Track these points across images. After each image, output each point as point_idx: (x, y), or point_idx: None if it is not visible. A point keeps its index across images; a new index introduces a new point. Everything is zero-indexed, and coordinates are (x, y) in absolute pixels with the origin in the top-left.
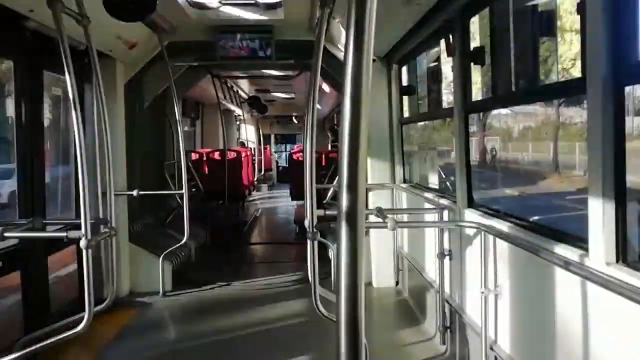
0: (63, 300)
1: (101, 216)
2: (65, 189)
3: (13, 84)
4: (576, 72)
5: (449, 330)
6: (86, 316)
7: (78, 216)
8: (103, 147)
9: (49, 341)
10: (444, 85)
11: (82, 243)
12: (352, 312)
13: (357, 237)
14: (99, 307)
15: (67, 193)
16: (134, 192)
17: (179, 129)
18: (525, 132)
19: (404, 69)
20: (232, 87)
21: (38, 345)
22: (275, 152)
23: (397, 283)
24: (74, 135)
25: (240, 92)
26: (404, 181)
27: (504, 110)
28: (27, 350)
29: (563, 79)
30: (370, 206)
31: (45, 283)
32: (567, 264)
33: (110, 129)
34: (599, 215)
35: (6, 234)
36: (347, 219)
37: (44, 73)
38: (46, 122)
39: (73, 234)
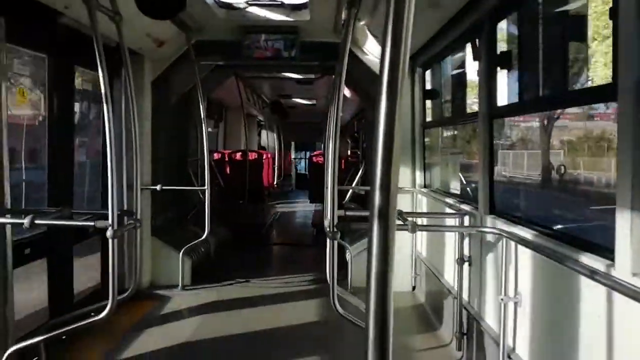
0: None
1: (126, 209)
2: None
3: (46, 78)
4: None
5: (465, 337)
6: (109, 304)
7: (104, 208)
8: (130, 142)
9: (72, 326)
10: (468, 89)
11: (109, 233)
12: (381, 317)
13: (388, 239)
14: (121, 296)
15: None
16: (158, 187)
17: (203, 127)
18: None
19: (428, 73)
20: (255, 90)
21: (62, 330)
22: (295, 158)
23: (414, 288)
24: (104, 130)
25: (263, 97)
26: (425, 186)
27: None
28: (52, 334)
29: (592, 85)
30: None
31: (70, 271)
32: (592, 273)
33: (138, 125)
34: (627, 224)
35: (36, 221)
36: (379, 221)
37: (76, 68)
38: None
39: (100, 223)
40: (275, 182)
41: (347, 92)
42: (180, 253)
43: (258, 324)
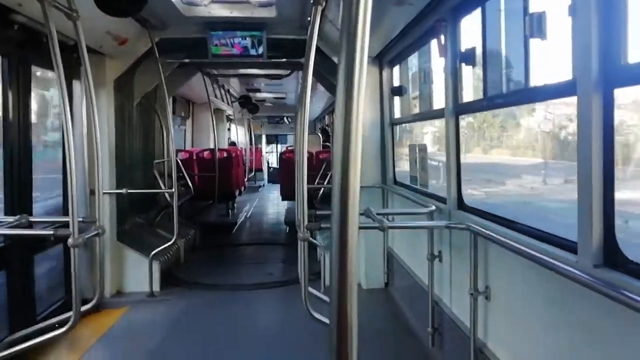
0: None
1: (89, 215)
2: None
3: (0, 79)
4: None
5: (438, 332)
6: (73, 316)
7: (65, 215)
8: (92, 145)
9: (34, 341)
10: (434, 86)
11: (70, 241)
12: (344, 315)
13: (349, 239)
14: (85, 307)
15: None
16: (123, 190)
17: (169, 126)
18: None
19: (396, 69)
20: (223, 85)
21: (23, 345)
22: (266, 152)
23: (386, 284)
24: (63, 133)
25: (232, 91)
26: (395, 182)
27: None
28: (12, 350)
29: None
30: (361, 206)
31: (31, 282)
32: (556, 267)
33: (100, 126)
34: (588, 217)
35: None
36: (340, 220)
37: (33, 68)
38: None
39: (61, 232)
40: (246, 178)
41: (317, 86)
42: (149, 258)
43: (230, 330)
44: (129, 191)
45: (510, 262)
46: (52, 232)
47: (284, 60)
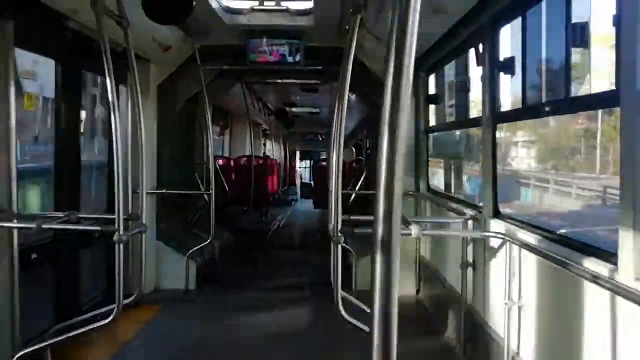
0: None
1: (132, 213)
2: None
3: (54, 83)
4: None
5: (470, 342)
6: (115, 309)
7: (110, 212)
8: (136, 146)
9: (78, 331)
10: (471, 94)
11: (116, 237)
12: (386, 322)
13: (392, 244)
14: (127, 301)
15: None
16: (164, 191)
17: (209, 132)
18: None
19: (431, 78)
20: (260, 98)
21: (67, 335)
22: (299, 167)
23: (417, 292)
24: (112, 135)
25: (269, 104)
26: (428, 190)
27: None
28: (58, 338)
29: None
30: None
31: (76, 275)
32: (595, 278)
33: (144, 129)
34: (630, 229)
35: (44, 226)
36: (383, 226)
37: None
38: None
39: (107, 228)
40: (280, 190)
41: (351, 99)
42: (185, 257)
43: (263, 329)
44: (170, 192)
45: (547, 272)
46: (99, 228)
47: (320, 68)
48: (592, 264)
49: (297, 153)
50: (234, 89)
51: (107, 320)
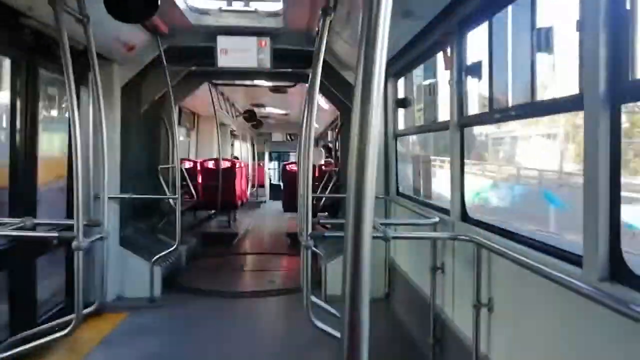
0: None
1: (93, 219)
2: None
3: (9, 82)
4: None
5: (439, 345)
6: (74, 319)
7: (69, 218)
8: (98, 149)
9: (35, 343)
10: (439, 98)
11: (74, 244)
12: (356, 326)
13: (363, 249)
14: (87, 310)
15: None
16: (127, 195)
17: (175, 134)
18: None
19: (400, 82)
20: (228, 98)
21: (24, 347)
22: (269, 169)
23: (387, 295)
24: (71, 137)
25: (237, 105)
26: (398, 193)
27: None
28: (13, 351)
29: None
30: None
31: (33, 285)
32: (561, 280)
33: (106, 132)
34: (593, 231)
35: None
36: (354, 230)
37: (41, 72)
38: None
39: (65, 234)
40: (248, 192)
41: (322, 102)
42: (150, 263)
43: (230, 338)
44: (133, 196)
45: (514, 274)
46: (56, 235)
47: (289, 70)
48: (557, 266)
49: (266, 154)
50: (200, 90)
51: (65, 331)
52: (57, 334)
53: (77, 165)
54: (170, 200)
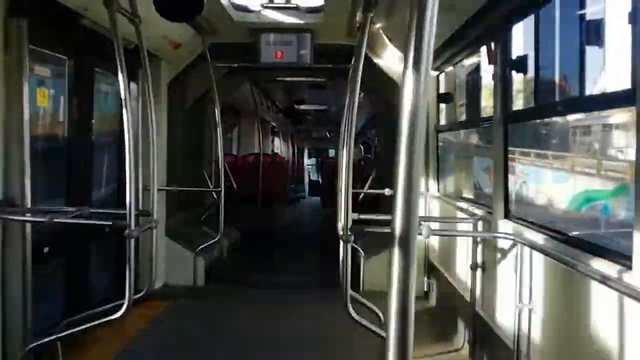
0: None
1: (142, 209)
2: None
3: (66, 80)
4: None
5: (479, 345)
6: (125, 303)
7: (120, 208)
8: (147, 143)
9: (88, 325)
10: (483, 93)
11: (127, 232)
12: (402, 326)
13: (410, 246)
14: (136, 296)
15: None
16: (174, 187)
17: (218, 129)
18: None
19: (442, 76)
20: (269, 96)
21: (77, 329)
22: (308, 165)
23: (426, 293)
24: (124, 131)
25: (277, 102)
26: (438, 190)
27: None
28: (67, 332)
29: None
30: None
31: (86, 270)
32: (607, 280)
33: (155, 126)
34: None
35: (55, 220)
36: (402, 225)
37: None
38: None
39: (118, 223)
40: (288, 188)
41: (361, 97)
42: (194, 254)
43: (271, 328)
44: (180, 189)
45: (558, 274)
46: (110, 223)
47: (329, 66)
48: (604, 266)
49: (306, 150)
50: (242, 87)
51: (117, 315)
52: (109, 317)
53: (129, 158)
54: (214, 193)
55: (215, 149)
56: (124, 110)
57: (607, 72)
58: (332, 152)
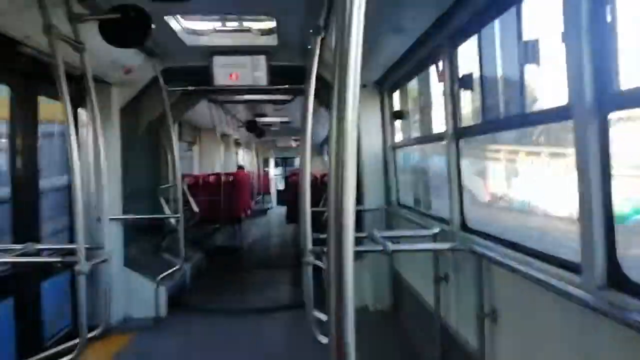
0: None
1: (96, 241)
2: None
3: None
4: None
5: (446, 355)
6: (79, 343)
7: (72, 242)
8: (98, 172)
9: None
10: (434, 109)
11: (77, 268)
12: (341, 337)
13: (344, 260)
14: (92, 334)
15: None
16: (129, 217)
17: (174, 153)
18: None
19: (396, 95)
20: (229, 111)
21: None
22: (275, 175)
23: (394, 306)
24: (70, 161)
25: (238, 116)
26: (399, 204)
27: None
28: None
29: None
30: (365, 229)
31: (38, 309)
32: (559, 289)
33: (106, 154)
34: (590, 239)
35: (0, 259)
36: (335, 242)
37: (39, 99)
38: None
39: (68, 259)
40: (253, 201)
41: (322, 111)
42: (155, 283)
43: (237, 356)
44: (135, 217)
45: (515, 283)
46: (59, 259)
47: (286, 86)
48: (556, 274)
49: (272, 160)
50: (200, 104)
51: (71, 356)
52: (63, 359)
53: (76, 188)
54: (172, 220)
55: (173, 173)
56: (69, 139)
57: (545, 89)
58: (297, 162)
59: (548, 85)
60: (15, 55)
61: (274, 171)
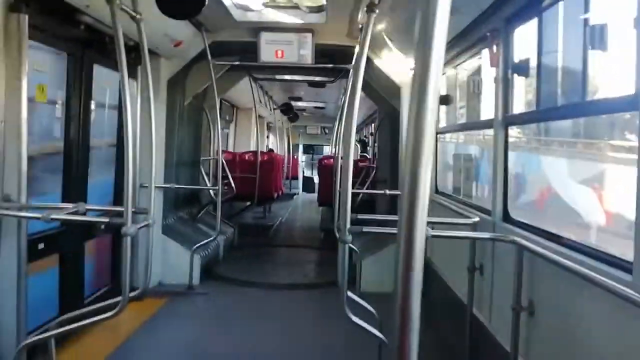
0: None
1: (138, 207)
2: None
3: (65, 76)
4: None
5: (475, 348)
6: (121, 302)
7: (117, 205)
8: (146, 141)
9: (82, 323)
10: (483, 96)
11: (124, 230)
12: (407, 328)
13: (416, 247)
14: (132, 294)
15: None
16: (172, 185)
17: (217, 127)
18: None
19: (443, 78)
20: (267, 92)
21: (73, 326)
22: (303, 161)
23: (423, 295)
24: (124, 128)
25: (274, 98)
26: (437, 191)
27: None
28: (62, 330)
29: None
30: None
31: (81, 267)
32: (608, 285)
33: (154, 124)
34: None
35: (52, 217)
36: (407, 227)
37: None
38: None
39: (115, 221)
40: (282, 184)
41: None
42: (190, 252)
43: (266, 327)
44: (177, 186)
45: (558, 278)
46: (107, 220)
47: (330, 66)
48: (605, 271)
49: (300, 147)
50: (241, 83)
51: (112, 313)
52: (104, 315)
53: (127, 155)
54: (211, 191)
55: (214, 146)
56: (123, 107)
57: (610, 77)
58: (326, 149)
59: (611, 73)
60: (76, 24)
61: (302, 158)
